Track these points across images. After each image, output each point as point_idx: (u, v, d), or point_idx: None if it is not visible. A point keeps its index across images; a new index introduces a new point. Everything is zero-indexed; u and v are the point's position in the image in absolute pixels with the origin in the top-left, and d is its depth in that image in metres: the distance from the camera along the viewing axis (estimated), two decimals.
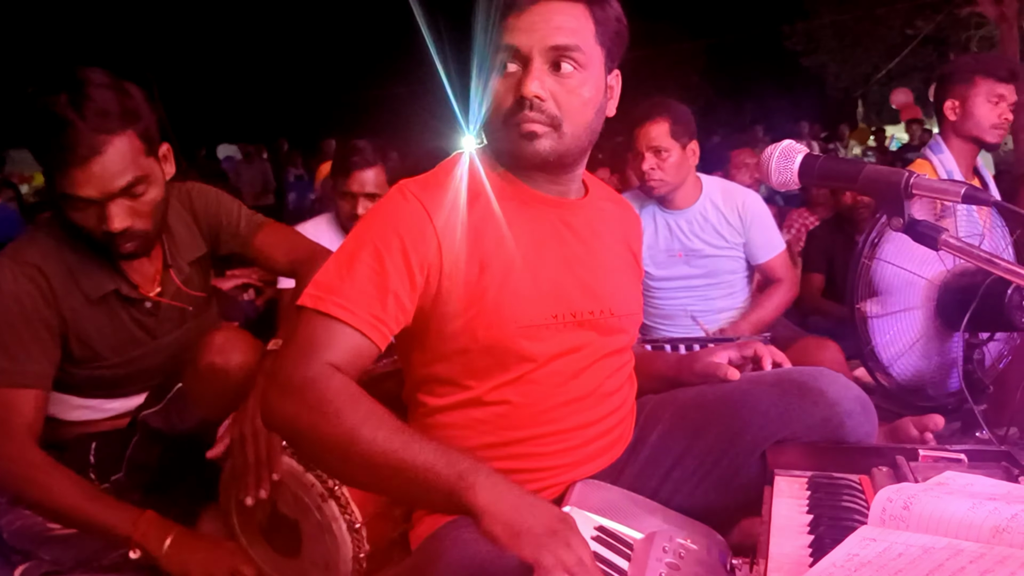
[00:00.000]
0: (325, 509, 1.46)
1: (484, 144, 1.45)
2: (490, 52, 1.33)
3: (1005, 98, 2.69)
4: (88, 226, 1.65)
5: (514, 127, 1.30)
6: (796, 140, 1.36)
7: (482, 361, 1.33)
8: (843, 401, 1.39)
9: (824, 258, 3.96)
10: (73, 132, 1.55)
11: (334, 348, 1.21)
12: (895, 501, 0.98)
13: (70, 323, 1.72)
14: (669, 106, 2.79)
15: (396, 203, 1.32)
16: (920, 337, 2.15)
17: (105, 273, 1.76)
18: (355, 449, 1.11)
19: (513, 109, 1.30)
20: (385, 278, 1.25)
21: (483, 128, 1.37)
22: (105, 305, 1.77)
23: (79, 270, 1.73)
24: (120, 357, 1.81)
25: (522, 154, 1.32)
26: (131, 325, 1.82)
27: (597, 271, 1.43)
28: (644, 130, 2.74)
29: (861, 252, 2.11)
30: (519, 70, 1.30)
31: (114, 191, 1.61)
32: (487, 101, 1.33)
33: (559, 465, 1.38)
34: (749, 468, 1.39)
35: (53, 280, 1.69)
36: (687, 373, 1.57)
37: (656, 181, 2.75)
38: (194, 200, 1.96)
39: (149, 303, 1.83)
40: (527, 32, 1.29)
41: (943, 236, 1.10)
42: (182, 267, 1.90)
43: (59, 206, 1.66)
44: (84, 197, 1.60)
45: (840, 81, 17.38)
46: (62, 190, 1.60)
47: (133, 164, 1.63)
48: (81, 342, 1.75)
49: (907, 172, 1.12)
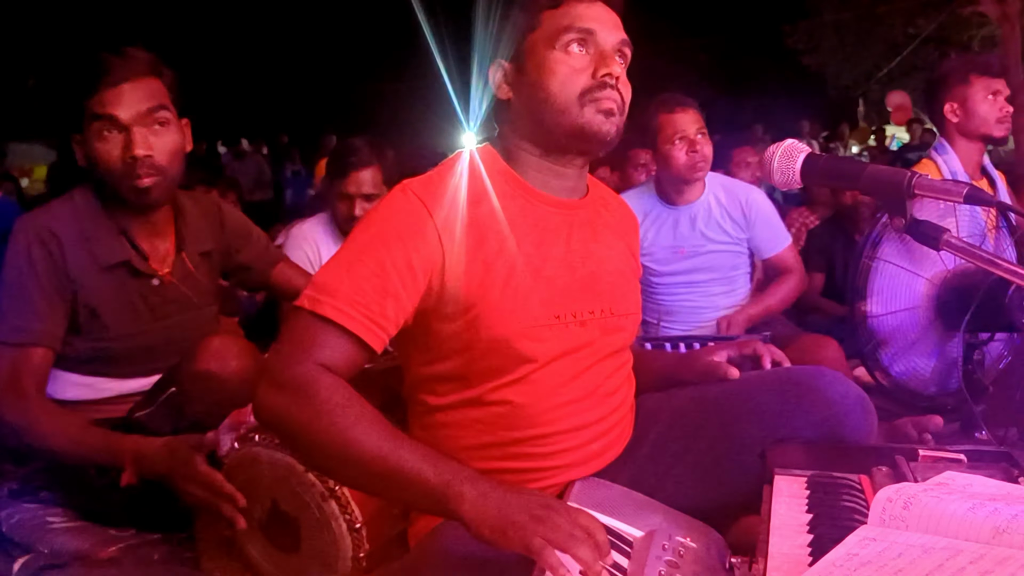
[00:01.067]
0: (325, 508, 1.46)
1: (494, 140, 1.46)
2: (540, 26, 1.36)
3: (1000, 92, 2.74)
4: (113, 157, 1.75)
5: (592, 104, 1.34)
6: (797, 139, 1.36)
7: (483, 361, 1.33)
8: (843, 400, 1.39)
9: (824, 257, 3.97)
10: (108, 61, 1.75)
11: (327, 350, 1.22)
12: (895, 501, 0.98)
13: (79, 288, 1.78)
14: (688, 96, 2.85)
15: (398, 203, 1.33)
16: (920, 337, 2.15)
17: (119, 243, 1.83)
18: (346, 450, 1.13)
19: (594, 86, 1.34)
20: (385, 279, 1.25)
21: (536, 116, 1.37)
22: (115, 275, 1.82)
23: (94, 238, 1.80)
24: (122, 330, 1.85)
25: (597, 131, 1.35)
26: (137, 299, 1.86)
27: (598, 270, 1.44)
28: (681, 117, 2.76)
29: (862, 252, 2.11)
30: (589, 53, 1.35)
31: (141, 111, 1.75)
32: (548, 83, 1.35)
33: (559, 465, 1.38)
34: (748, 467, 1.39)
35: (67, 245, 1.76)
36: (686, 372, 1.57)
37: (705, 161, 2.77)
38: (223, 212, 2.09)
39: (157, 280, 1.88)
40: (598, 21, 1.36)
41: (945, 236, 1.11)
42: (193, 254, 1.96)
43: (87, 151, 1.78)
44: (113, 115, 1.73)
45: (841, 80, 17.36)
46: (93, 111, 1.73)
47: (158, 96, 1.79)
48: (88, 309, 1.80)
49: (910, 172, 1.13)
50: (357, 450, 1.12)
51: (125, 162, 1.75)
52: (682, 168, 2.75)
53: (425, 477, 1.08)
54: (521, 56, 1.38)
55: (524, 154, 1.42)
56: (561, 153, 1.40)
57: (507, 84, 1.41)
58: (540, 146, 1.40)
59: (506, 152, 1.43)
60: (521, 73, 1.39)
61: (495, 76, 1.41)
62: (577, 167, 1.44)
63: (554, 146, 1.39)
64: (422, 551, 1.31)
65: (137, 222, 1.87)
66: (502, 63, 1.41)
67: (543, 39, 1.36)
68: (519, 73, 1.39)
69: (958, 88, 2.76)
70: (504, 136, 1.45)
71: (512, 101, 1.41)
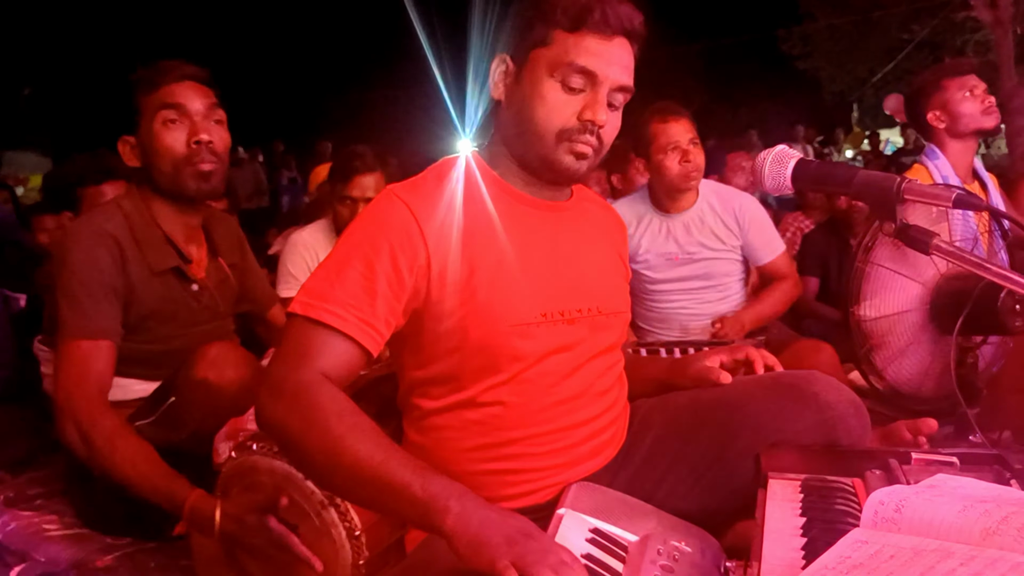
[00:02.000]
0: (324, 516, 1.46)
1: (481, 146, 1.47)
2: (551, 45, 1.35)
3: (976, 86, 2.79)
4: (179, 142, 1.89)
5: (567, 143, 1.35)
6: (792, 144, 1.37)
7: (474, 360, 1.34)
8: (836, 404, 1.40)
9: (819, 262, 3.97)
10: (171, 62, 1.93)
11: (325, 355, 1.23)
12: (887, 504, 0.99)
13: (133, 289, 1.87)
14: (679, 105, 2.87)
15: (383, 208, 1.34)
16: (914, 341, 2.16)
17: (168, 250, 1.95)
18: (338, 459, 1.14)
19: (574, 128, 1.34)
20: (375, 283, 1.26)
21: (517, 131, 1.39)
22: (164, 280, 1.94)
23: (146, 244, 1.91)
24: (163, 332, 1.95)
25: (565, 169, 1.37)
26: (179, 303, 1.97)
27: (584, 269, 1.45)
28: (675, 126, 2.78)
29: (855, 256, 2.12)
30: (585, 93, 1.34)
31: (206, 104, 1.92)
32: (534, 107, 1.35)
33: (553, 465, 1.39)
34: (743, 471, 1.39)
35: (126, 250, 1.87)
36: (680, 377, 1.58)
37: (697, 170, 2.79)
38: (243, 237, 2.26)
39: (196, 286, 2.00)
40: (606, 62, 1.34)
41: (934, 241, 1.12)
42: (225, 261, 2.12)
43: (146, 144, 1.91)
44: (182, 104, 1.89)
45: (836, 85, 17.41)
46: (162, 102, 1.88)
47: (214, 99, 1.95)
48: (136, 310, 1.89)
49: (899, 177, 1.14)
50: (349, 458, 1.13)
51: (190, 147, 1.88)
52: (675, 177, 2.77)
53: (413, 490, 1.09)
54: (524, 63, 1.38)
55: (507, 160, 1.44)
56: (530, 173, 1.43)
57: (503, 84, 1.41)
58: (516, 156, 1.42)
59: (492, 155, 1.45)
60: (518, 81, 1.39)
61: (496, 70, 1.41)
62: (561, 185, 1.47)
63: (526, 164, 1.42)
64: (417, 558, 1.31)
65: (178, 227, 1.98)
66: (507, 60, 1.40)
67: (547, 60, 1.35)
68: (517, 80, 1.39)
69: (935, 96, 2.81)
70: (493, 138, 1.47)
71: (503, 104, 1.42)
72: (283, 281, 3.03)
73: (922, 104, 2.84)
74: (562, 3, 1.34)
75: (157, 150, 1.89)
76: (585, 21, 1.32)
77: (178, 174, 1.90)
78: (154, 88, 1.90)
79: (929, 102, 2.82)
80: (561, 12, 1.33)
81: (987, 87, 2.82)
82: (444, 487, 1.09)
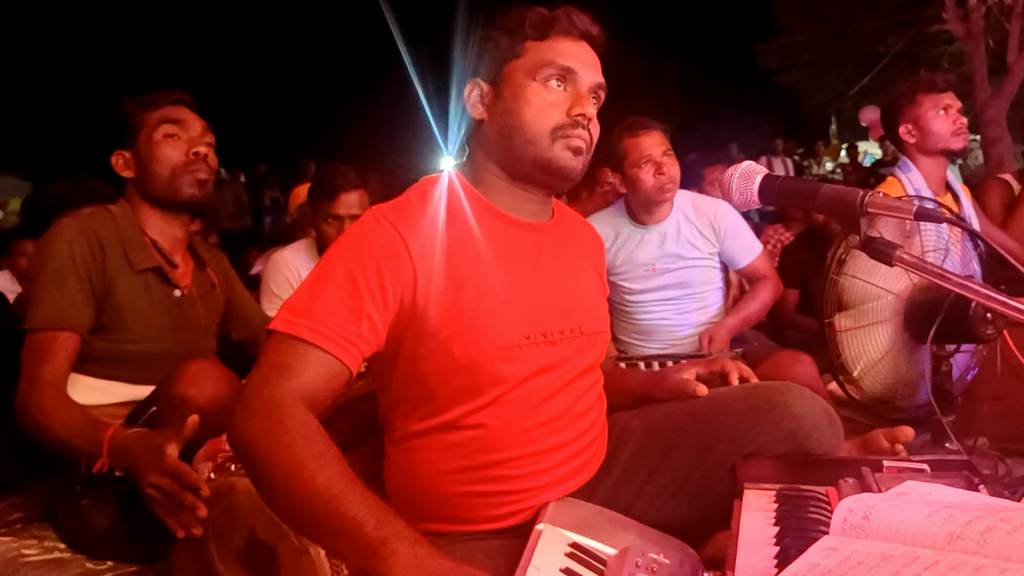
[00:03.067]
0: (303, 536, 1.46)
1: (463, 163, 1.48)
2: (523, 55, 1.40)
3: (951, 106, 2.82)
4: (178, 153, 2.02)
5: (562, 140, 1.38)
6: (772, 156, 1.40)
7: (456, 382, 1.35)
8: (809, 415, 1.42)
9: (797, 273, 4.01)
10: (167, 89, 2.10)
11: (305, 372, 1.22)
12: (856, 511, 1.01)
13: (110, 287, 1.93)
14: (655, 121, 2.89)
15: (369, 227, 1.34)
16: (889, 350, 2.19)
17: (151, 251, 2.02)
18: (296, 482, 1.11)
19: (567, 124, 1.38)
20: (359, 300, 1.27)
21: (507, 141, 1.41)
22: (145, 279, 2.00)
23: (130, 244, 1.98)
24: (140, 333, 1.97)
25: (563, 166, 1.39)
26: (159, 305, 2.02)
27: (567, 289, 1.46)
28: (646, 141, 2.80)
29: (829, 268, 2.15)
30: (566, 90, 1.39)
31: (202, 126, 2.08)
32: (522, 111, 1.38)
33: (534, 487, 1.39)
34: (720, 482, 1.41)
35: (108, 248, 1.94)
36: (657, 390, 1.59)
37: (672, 182, 2.81)
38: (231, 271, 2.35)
39: (179, 292, 2.06)
40: (580, 61, 1.40)
41: (898, 252, 1.14)
42: (210, 275, 2.20)
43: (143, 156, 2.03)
44: (183, 120, 2.05)
45: (814, 98, 17.53)
46: (166, 117, 2.03)
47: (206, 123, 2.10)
48: (113, 308, 1.93)
49: (862, 191, 1.16)
50: (306, 483, 1.10)
51: (188, 157, 2.03)
52: (650, 190, 2.80)
53: (363, 528, 1.05)
54: (500, 80, 1.42)
55: (492, 177, 1.45)
56: (525, 181, 1.44)
57: (482, 105, 1.44)
58: (506, 171, 1.43)
59: (474, 175, 1.46)
60: (498, 97, 1.42)
61: (471, 94, 1.44)
62: (540, 195, 1.47)
63: (520, 173, 1.43)
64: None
65: (164, 235, 2.07)
66: (479, 83, 1.44)
67: (524, 68, 1.40)
68: (496, 97, 1.42)
69: (908, 110, 2.86)
70: (473, 158, 1.47)
71: (485, 122, 1.44)
72: (265, 300, 3.03)
73: (896, 116, 2.89)
74: (528, 16, 1.41)
75: (157, 158, 2.02)
76: (553, 27, 1.40)
77: (175, 180, 2.02)
78: (156, 106, 2.05)
79: (903, 115, 2.87)
80: (528, 24, 1.41)
81: (961, 106, 2.86)
82: (399, 531, 1.05)
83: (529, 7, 1.43)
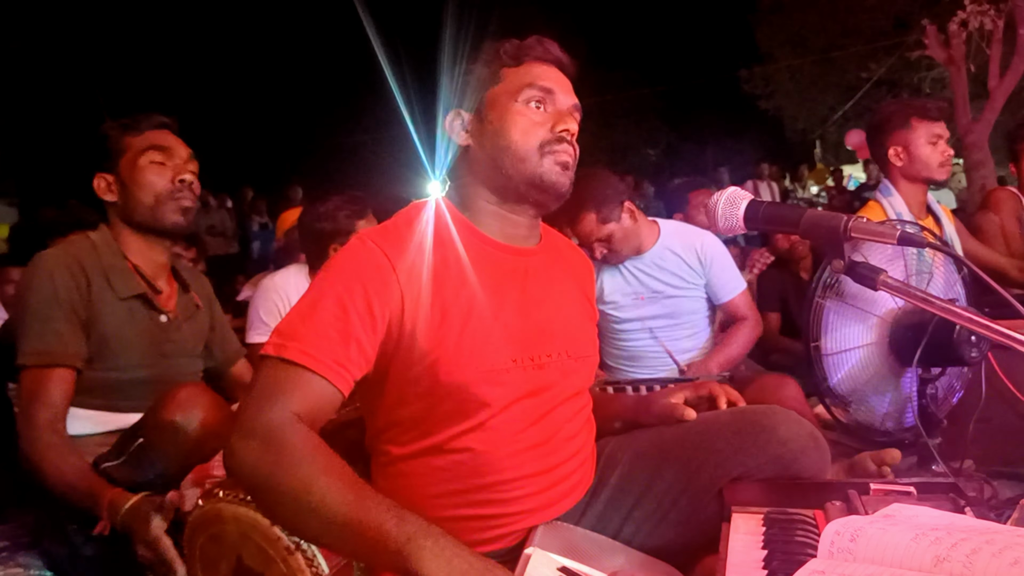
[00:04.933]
0: (291, 561, 1.45)
1: (450, 189, 1.50)
2: (502, 81, 1.46)
3: (941, 136, 2.83)
4: (164, 179, 2.02)
5: (550, 156, 1.42)
6: (758, 181, 1.41)
7: (443, 406, 1.35)
8: (795, 438, 1.42)
9: (776, 297, 4.04)
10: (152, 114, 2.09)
11: (298, 395, 1.22)
12: (843, 534, 1.01)
13: (95, 315, 1.92)
14: (587, 196, 2.74)
15: (357, 252, 1.35)
16: (875, 373, 2.19)
17: (135, 279, 2.02)
18: (308, 500, 1.11)
19: (552, 139, 1.42)
20: (348, 324, 1.27)
21: (495, 163, 1.43)
22: (130, 306, 1.99)
23: (113, 272, 1.98)
24: (128, 360, 1.97)
25: (553, 183, 1.42)
26: (145, 332, 2.01)
27: (554, 313, 1.47)
28: (577, 231, 2.79)
29: (814, 291, 2.16)
30: (546, 110, 1.44)
31: (188, 153, 2.07)
32: (510, 131, 1.42)
33: (521, 511, 1.39)
34: (708, 506, 1.42)
35: (92, 276, 1.93)
36: (645, 415, 1.60)
37: (617, 258, 2.84)
38: (211, 295, 2.33)
39: (165, 317, 2.06)
40: (556, 83, 1.46)
41: (881, 277, 1.15)
42: (194, 298, 2.20)
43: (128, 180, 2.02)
44: (170, 148, 2.04)
45: (797, 123, 17.70)
46: (151, 143, 2.03)
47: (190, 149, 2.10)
48: (100, 338, 1.92)
49: (845, 216, 1.17)
50: (319, 500, 1.10)
51: (175, 184, 2.03)
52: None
53: (387, 530, 1.06)
54: (482, 107, 1.45)
55: (480, 202, 1.46)
56: (516, 202, 1.45)
57: (465, 132, 1.47)
58: (497, 193, 1.45)
59: (462, 201, 1.48)
60: (482, 122, 1.45)
61: (452, 123, 1.48)
62: (530, 216, 1.49)
63: (511, 194, 1.44)
64: None
65: (147, 261, 2.07)
66: (460, 112, 1.48)
67: (506, 92, 1.44)
68: (480, 122, 1.45)
69: (900, 132, 2.85)
70: (460, 184, 1.49)
71: (472, 148, 1.47)
72: (253, 327, 3.01)
73: (885, 136, 2.88)
74: (503, 46, 1.47)
75: (142, 185, 2.01)
76: (528, 54, 1.47)
77: (159, 207, 2.02)
78: (139, 131, 2.04)
79: (894, 136, 2.86)
80: (504, 53, 1.47)
81: (950, 135, 2.88)
82: (420, 528, 1.06)
83: (502, 41, 1.48)
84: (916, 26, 11.06)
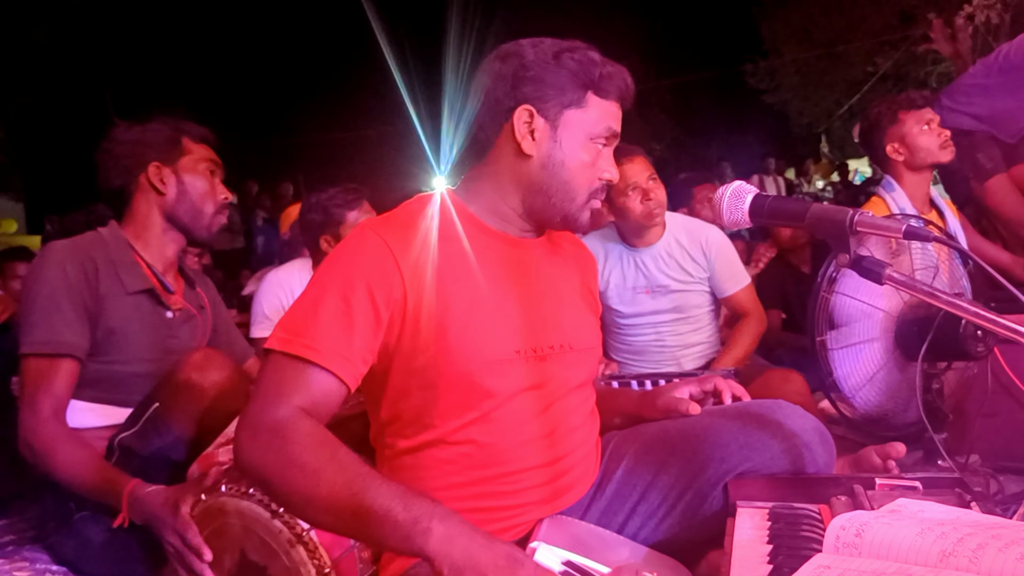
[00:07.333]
0: (293, 554, 1.46)
1: (459, 182, 1.49)
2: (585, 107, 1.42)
3: (932, 120, 2.86)
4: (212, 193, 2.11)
5: (593, 200, 1.44)
6: (764, 175, 1.41)
7: (447, 397, 1.35)
8: (801, 433, 1.42)
9: (778, 293, 4.03)
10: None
11: (304, 389, 1.23)
12: (848, 529, 1.01)
13: (103, 308, 1.92)
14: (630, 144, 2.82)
15: (359, 243, 1.35)
16: (880, 368, 2.19)
17: (143, 274, 2.03)
18: (318, 492, 1.14)
19: (599, 188, 1.44)
20: (351, 317, 1.27)
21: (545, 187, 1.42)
22: (138, 300, 2.00)
23: (122, 266, 1.99)
24: (132, 354, 1.96)
25: (581, 226, 1.47)
26: (150, 326, 2.01)
27: (556, 305, 1.47)
28: (627, 169, 2.75)
29: (820, 286, 2.16)
30: (603, 151, 1.44)
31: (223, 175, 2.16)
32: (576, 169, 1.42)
33: (525, 503, 1.40)
34: (713, 501, 1.41)
35: (101, 270, 1.94)
36: (649, 409, 1.59)
37: (660, 206, 2.82)
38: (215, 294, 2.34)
39: (171, 313, 2.06)
40: (616, 123, 1.45)
41: (887, 271, 1.15)
42: (201, 295, 2.22)
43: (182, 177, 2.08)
44: (219, 163, 2.14)
45: (803, 117, 17.66)
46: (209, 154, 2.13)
47: None
48: (106, 330, 1.92)
49: (851, 210, 1.17)
50: (330, 490, 1.13)
51: (218, 201, 2.12)
52: (639, 216, 2.80)
53: (394, 514, 1.09)
54: (557, 122, 1.40)
55: (502, 206, 1.45)
56: (539, 221, 1.47)
57: (533, 139, 1.41)
58: (524, 206, 1.45)
59: (468, 194, 1.46)
60: (553, 140, 1.41)
61: (519, 121, 1.40)
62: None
63: (539, 215, 1.46)
64: None
65: (159, 256, 2.09)
66: (536, 116, 1.40)
67: (585, 122, 1.41)
68: (552, 139, 1.41)
69: (892, 129, 2.89)
70: (483, 182, 1.46)
71: (530, 159, 1.42)
72: (257, 322, 3.02)
73: (879, 136, 2.91)
74: (600, 71, 1.41)
75: (199, 188, 2.09)
76: (613, 91, 1.43)
77: (202, 215, 2.10)
78: (202, 139, 2.15)
79: (887, 134, 2.89)
80: (599, 78, 1.41)
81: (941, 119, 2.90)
82: (427, 509, 1.10)
83: (595, 59, 1.42)
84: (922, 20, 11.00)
